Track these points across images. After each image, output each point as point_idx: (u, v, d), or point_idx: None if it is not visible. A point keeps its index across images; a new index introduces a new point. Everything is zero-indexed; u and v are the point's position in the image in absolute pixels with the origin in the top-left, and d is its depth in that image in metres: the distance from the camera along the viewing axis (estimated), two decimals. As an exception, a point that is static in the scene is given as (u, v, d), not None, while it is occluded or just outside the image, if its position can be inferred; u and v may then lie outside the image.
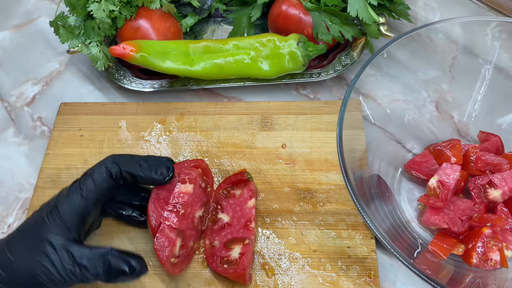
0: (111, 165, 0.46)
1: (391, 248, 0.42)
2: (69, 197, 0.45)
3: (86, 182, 0.45)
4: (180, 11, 0.72)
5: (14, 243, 0.43)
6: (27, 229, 0.44)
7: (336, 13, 0.61)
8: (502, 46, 0.56)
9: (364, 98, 0.54)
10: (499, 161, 0.52)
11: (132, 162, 0.47)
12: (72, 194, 0.45)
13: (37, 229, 0.43)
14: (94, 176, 0.46)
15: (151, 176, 0.48)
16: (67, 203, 0.44)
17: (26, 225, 0.45)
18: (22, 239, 0.43)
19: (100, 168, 0.46)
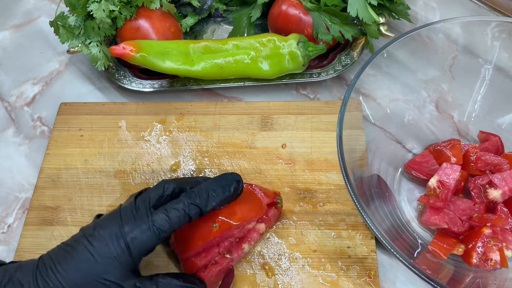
0: (189, 206, 0.43)
1: (391, 248, 0.42)
2: (139, 231, 0.41)
3: (160, 220, 0.42)
4: (180, 11, 0.72)
5: (68, 269, 0.40)
6: (85, 256, 0.41)
7: (336, 13, 0.61)
8: (502, 46, 0.56)
9: (364, 98, 0.54)
10: (499, 161, 0.52)
11: (207, 194, 0.44)
12: (143, 230, 0.41)
13: (101, 259, 0.40)
14: (170, 216, 0.42)
15: (226, 198, 0.45)
16: (137, 239, 0.41)
17: (83, 250, 0.41)
18: (80, 268, 0.40)
19: (178, 207, 0.42)
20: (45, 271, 0.40)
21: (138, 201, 0.44)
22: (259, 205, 0.50)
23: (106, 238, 0.41)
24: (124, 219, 0.42)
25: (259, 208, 0.49)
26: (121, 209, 0.43)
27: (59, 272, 0.40)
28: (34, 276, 0.40)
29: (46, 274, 0.40)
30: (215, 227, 0.46)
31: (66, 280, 0.40)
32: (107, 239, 0.41)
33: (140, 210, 0.43)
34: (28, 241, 0.54)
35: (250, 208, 0.49)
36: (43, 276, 0.40)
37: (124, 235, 0.41)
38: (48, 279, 0.40)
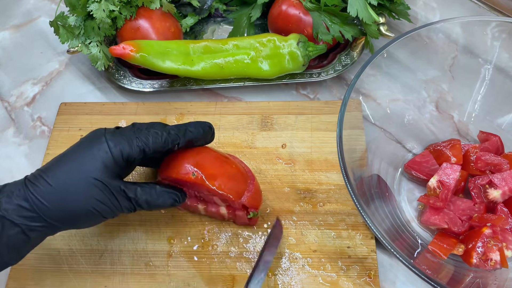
0: (170, 131, 0.48)
1: (391, 248, 0.42)
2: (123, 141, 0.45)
3: (143, 136, 0.46)
4: (180, 11, 0.72)
5: (57, 172, 0.43)
6: (73, 160, 0.44)
7: (336, 13, 0.61)
8: (502, 46, 0.56)
9: (364, 98, 0.54)
10: (499, 161, 0.52)
11: (185, 129, 0.49)
12: (127, 142, 0.45)
13: (88, 161, 0.44)
14: (152, 134, 0.47)
15: (199, 137, 0.50)
16: (120, 145, 0.45)
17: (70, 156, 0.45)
18: (69, 170, 0.43)
19: (159, 130, 0.47)
20: (34, 178, 0.43)
21: (119, 127, 0.48)
22: (237, 195, 0.50)
23: (92, 144, 0.45)
24: (108, 132, 0.46)
25: (235, 195, 0.50)
26: (105, 128, 0.47)
27: (47, 175, 0.43)
28: (24, 183, 0.43)
29: (35, 179, 0.43)
30: (193, 174, 0.49)
31: (55, 180, 0.43)
32: (93, 145, 0.45)
33: (121, 130, 0.47)
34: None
35: (230, 189, 0.49)
36: (32, 181, 0.43)
37: (107, 141, 0.45)
38: (38, 183, 0.43)
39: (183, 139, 0.49)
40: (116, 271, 0.52)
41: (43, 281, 0.52)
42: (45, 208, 0.42)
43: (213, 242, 0.53)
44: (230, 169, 0.50)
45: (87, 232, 0.55)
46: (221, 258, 0.52)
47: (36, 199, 0.42)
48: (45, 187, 0.42)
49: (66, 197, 0.43)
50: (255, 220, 0.53)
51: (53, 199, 0.42)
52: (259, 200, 0.52)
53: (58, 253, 0.54)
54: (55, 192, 0.42)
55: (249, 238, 0.54)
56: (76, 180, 0.43)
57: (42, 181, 0.43)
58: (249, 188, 0.51)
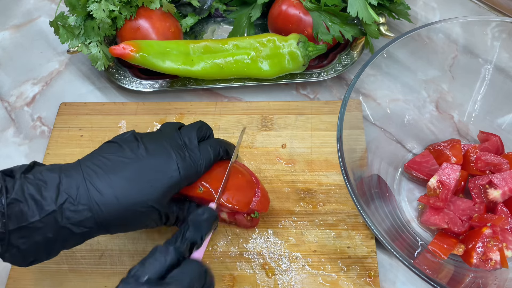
0: (221, 147, 0.49)
1: (391, 248, 0.42)
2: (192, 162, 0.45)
3: (205, 152, 0.47)
4: (180, 11, 0.72)
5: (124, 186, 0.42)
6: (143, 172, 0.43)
7: (336, 13, 0.61)
8: (502, 46, 0.56)
9: (364, 98, 0.54)
10: (499, 161, 0.52)
11: (225, 146, 0.50)
12: (196, 160, 0.46)
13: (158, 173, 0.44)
14: (212, 150, 0.48)
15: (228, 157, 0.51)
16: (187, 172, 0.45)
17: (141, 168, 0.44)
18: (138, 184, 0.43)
19: (216, 145, 0.48)
20: (99, 182, 0.42)
21: (182, 133, 0.47)
22: (246, 205, 0.50)
23: (163, 165, 0.44)
24: (175, 149, 0.45)
25: (244, 206, 0.50)
26: (170, 140, 0.46)
27: (113, 186, 0.41)
28: (86, 187, 0.41)
29: (101, 185, 0.41)
30: (199, 189, 0.48)
31: (121, 196, 0.41)
32: (165, 168, 0.44)
33: (189, 143, 0.47)
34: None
35: (238, 201, 0.49)
36: (97, 188, 0.41)
37: (178, 166, 0.44)
38: (104, 193, 0.41)
39: (224, 157, 0.50)
40: (116, 271, 0.52)
41: (43, 281, 0.52)
42: (104, 219, 0.41)
43: (213, 242, 0.53)
44: (237, 179, 0.50)
45: (87, 232, 0.55)
46: (221, 258, 0.52)
47: (100, 210, 0.41)
48: (110, 199, 0.41)
49: (125, 214, 0.42)
50: (256, 221, 0.53)
51: (114, 212, 0.41)
52: (267, 203, 0.52)
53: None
54: (118, 207, 0.41)
55: (249, 238, 0.54)
56: (140, 201, 0.42)
57: (107, 190, 0.41)
58: (257, 194, 0.51)
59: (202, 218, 0.43)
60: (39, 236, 0.40)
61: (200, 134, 0.48)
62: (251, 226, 0.54)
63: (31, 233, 0.39)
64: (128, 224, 0.44)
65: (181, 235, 0.41)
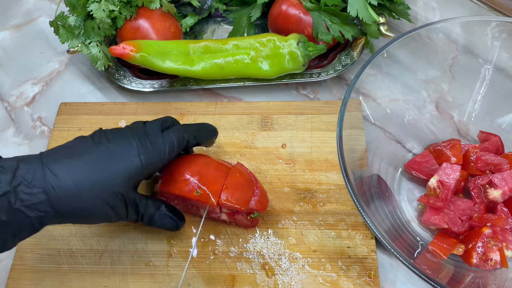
0: (188, 133, 0.49)
1: (391, 248, 0.42)
2: (152, 148, 0.45)
3: (169, 139, 0.47)
4: (180, 11, 0.72)
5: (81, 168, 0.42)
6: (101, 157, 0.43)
7: (336, 13, 0.61)
8: (502, 46, 0.56)
9: (364, 98, 0.54)
10: (499, 161, 0.52)
11: (198, 130, 0.51)
12: (155, 146, 0.46)
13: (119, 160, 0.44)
14: (176, 137, 0.47)
15: (210, 140, 0.53)
16: (149, 160, 0.45)
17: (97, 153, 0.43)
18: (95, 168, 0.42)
19: (180, 132, 0.48)
20: (56, 163, 0.41)
21: (147, 125, 0.48)
22: (245, 204, 0.50)
23: (123, 151, 0.44)
24: (137, 133, 0.46)
25: (243, 204, 0.50)
26: (133, 130, 0.46)
27: (71, 170, 0.41)
28: (43, 170, 0.41)
29: (57, 167, 0.41)
30: (196, 192, 0.49)
31: (79, 179, 0.41)
32: (125, 153, 0.44)
33: (153, 131, 0.47)
34: (28, 241, 0.54)
35: (237, 200, 0.49)
36: (53, 171, 0.41)
37: (140, 152, 0.44)
38: (60, 175, 0.41)
39: (193, 142, 0.50)
40: (116, 271, 0.52)
41: (43, 281, 0.52)
42: (61, 203, 0.40)
43: (214, 242, 0.53)
44: (235, 178, 0.50)
45: (87, 232, 0.55)
46: (221, 258, 0.52)
47: (56, 194, 0.40)
48: (67, 183, 0.41)
49: (84, 198, 0.41)
50: (257, 221, 0.53)
51: (71, 197, 0.41)
52: (266, 202, 0.52)
53: (58, 253, 0.54)
54: (75, 191, 0.41)
55: (249, 238, 0.54)
56: (100, 186, 0.42)
57: (65, 175, 0.41)
58: (255, 193, 0.51)
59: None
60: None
61: (165, 126, 0.49)
62: (251, 226, 0.54)
63: None
64: (85, 211, 0.42)
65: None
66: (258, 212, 0.52)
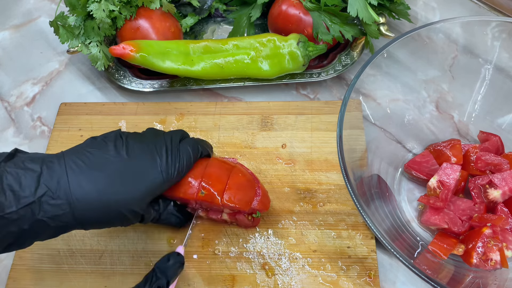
0: (201, 149, 0.50)
1: (391, 248, 0.42)
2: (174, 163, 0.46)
3: (187, 154, 0.48)
4: (180, 11, 0.72)
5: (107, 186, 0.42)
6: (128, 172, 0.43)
7: (336, 13, 0.61)
8: (502, 46, 0.56)
9: (364, 98, 0.54)
10: (499, 161, 0.52)
11: (202, 145, 0.51)
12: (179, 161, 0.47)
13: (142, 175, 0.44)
14: (192, 151, 0.49)
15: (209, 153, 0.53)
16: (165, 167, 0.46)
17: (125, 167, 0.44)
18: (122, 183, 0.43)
19: (195, 146, 0.49)
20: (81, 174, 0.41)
21: (166, 137, 0.48)
22: (247, 204, 0.50)
23: (147, 171, 0.44)
24: (159, 150, 0.46)
25: (245, 205, 0.50)
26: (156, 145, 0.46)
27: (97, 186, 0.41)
28: (67, 181, 0.40)
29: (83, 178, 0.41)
30: (201, 193, 0.49)
31: (102, 195, 0.41)
32: (149, 173, 0.44)
33: (171, 145, 0.47)
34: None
35: (240, 200, 0.49)
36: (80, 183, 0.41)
37: (160, 168, 0.45)
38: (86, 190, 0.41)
39: (204, 154, 0.51)
40: (116, 271, 0.52)
41: (43, 281, 0.52)
42: (83, 215, 0.41)
43: (213, 242, 0.53)
44: (238, 179, 0.50)
45: (87, 232, 0.55)
46: (221, 258, 0.52)
47: (79, 206, 0.40)
48: (91, 196, 0.41)
49: (106, 211, 0.42)
50: (258, 221, 0.53)
51: (94, 210, 0.41)
52: (268, 202, 0.52)
53: (58, 253, 0.54)
54: (99, 205, 0.41)
55: (249, 238, 0.54)
56: (122, 202, 0.42)
57: (89, 187, 0.41)
58: (257, 193, 0.51)
59: (168, 265, 0.46)
60: (14, 227, 0.39)
61: (181, 138, 0.50)
62: (252, 226, 0.54)
63: (6, 224, 0.38)
64: (104, 222, 0.43)
65: (149, 281, 0.44)
66: (260, 212, 0.52)
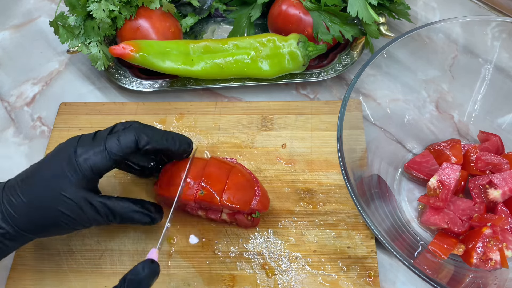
0: (140, 136, 0.47)
1: (391, 248, 0.42)
2: (92, 153, 0.46)
3: (112, 143, 0.46)
4: (180, 11, 0.72)
5: (28, 187, 0.45)
6: (43, 175, 0.45)
7: (336, 13, 0.61)
8: (502, 46, 0.56)
9: (364, 98, 0.54)
10: (499, 161, 0.52)
11: (159, 136, 0.48)
12: (96, 152, 0.46)
13: (55, 177, 0.45)
14: (121, 140, 0.46)
15: (175, 151, 0.50)
16: (89, 160, 0.45)
17: (41, 170, 0.46)
18: (38, 185, 0.45)
19: (129, 134, 0.47)
20: (11, 190, 0.45)
21: (97, 131, 0.48)
22: (246, 204, 0.50)
23: (61, 158, 0.46)
24: (80, 143, 0.46)
25: (245, 205, 0.50)
26: (81, 136, 0.48)
27: (22, 190, 0.44)
28: (1, 195, 0.45)
29: (12, 192, 0.45)
30: (201, 192, 0.49)
31: (27, 195, 0.44)
32: (62, 159, 0.45)
33: (96, 136, 0.47)
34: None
35: (239, 200, 0.49)
36: (9, 194, 0.45)
37: (76, 156, 0.45)
38: (13, 197, 0.44)
39: (153, 144, 0.47)
40: (116, 271, 0.52)
41: (43, 281, 0.52)
42: (17, 220, 0.44)
43: (213, 242, 0.53)
44: (237, 179, 0.50)
45: (87, 232, 0.55)
46: (221, 258, 0.52)
47: (11, 214, 0.44)
48: (18, 201, 0.44)
49: (35, 211, 0.44)
50: (257, 221, 0.53)
51: (24, 213, 0.44)
52: (267, 202, 0.52)
53: (58, 253, 0.54)
54: (26, 206, 0.44)
55: (249, 238, 0.54)
56: (45, 195, 0.44)
57: (16, 196, 0.44)
58: (257, 193, 0.51)
59: (141, 277, 0.42)
60: None
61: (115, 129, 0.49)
62: (252, 226, 0.54)
63: None
64: (45, 223, 0.45)
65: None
66: (259, 212, 0.52)
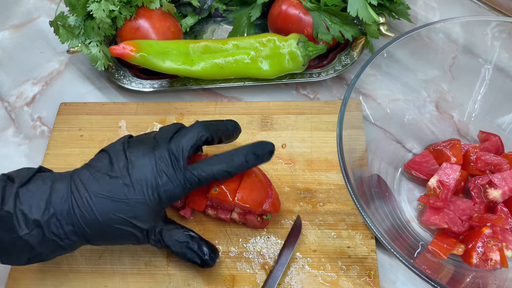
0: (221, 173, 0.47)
1: (391, 248, 0.42)
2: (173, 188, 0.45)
3: (192, 180, 0.46)
4: (180, 11, 0.72)
5: (100, 201, 0.44)
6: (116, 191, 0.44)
7: (336, 13, 0.61)
8: (502, 46, 0.56)
9: (364, 98, 0.54)
10: (499, 161, 0.52)
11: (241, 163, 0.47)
12: (176, 186, 0.45)
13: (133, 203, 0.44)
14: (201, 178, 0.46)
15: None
16: (170, 193, 0.45)
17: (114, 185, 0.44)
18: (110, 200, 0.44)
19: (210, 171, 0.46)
20: (82, 202, 0.44)
21: (173, 150, 0.46)
22: (259, 205, 0.50)
23: (142, 185, 0.44)
24: (159, 168, 0.45)
25: (257, 206, 0.50)
26: (156, 156, 0.45)
27: (96, 207, 0.43)
28: (71, 206, 0.43)
29: (83, 204, 0.44)
30: (215, 190, 0.49)
31: (102, 215, 0.44)
32: (143, 187, 0.44)
33: (176, 163, 0.45)
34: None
35: (252, 200, 0.49)
36: (80, 207, 0.43)
37: (158, 187, 0.45)
38: (86, 212, 0.43)
39: (233, 175, 0.47)
40: (116, 271, 0.52)
41: (43, 281, 0.52)
42: (86, 234, 0.44)
43: (213, 242, 0.53)
44: (251, 179, 0.50)
45: (87, 232, 0.55)
46: (221, 258, 0.52)
47: (82, 227, 0.44)
48: (92, 218, 0.44)
49: (107, 231, 0.45)
50: (267, 223, 0.53)
51: (95, 228, 0.44)
52: (279, 205, 0.52)
53: (58, 253, 0.54)
54: (99, 225, 0.44)
55: (249, 238, 0.54)
56: (119, 221, 0.44)
57: (90, 211, 0.43)
58: (269, 195, 0.51)
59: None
60: (29, 246, 0.43)
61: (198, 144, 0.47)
62: (261, 227, 0.54)
63: (22, 244, 0.43)
64: (108, 239, 0.46)
65: None
66: (270, 215, 0.52)
